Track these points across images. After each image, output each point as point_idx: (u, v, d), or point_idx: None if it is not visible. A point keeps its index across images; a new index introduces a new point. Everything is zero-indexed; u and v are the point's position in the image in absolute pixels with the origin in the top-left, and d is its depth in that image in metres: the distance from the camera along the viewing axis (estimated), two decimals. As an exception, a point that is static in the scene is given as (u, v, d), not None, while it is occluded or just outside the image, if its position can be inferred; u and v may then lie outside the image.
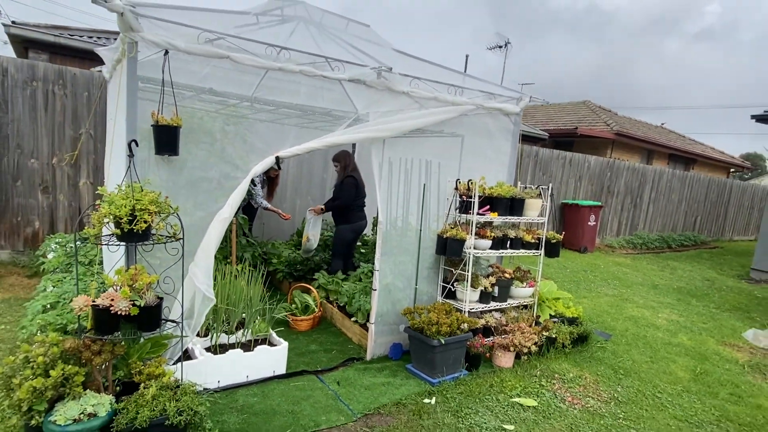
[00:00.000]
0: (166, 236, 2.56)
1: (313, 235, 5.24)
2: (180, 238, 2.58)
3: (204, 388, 3.03)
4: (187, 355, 3.17)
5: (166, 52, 2.60)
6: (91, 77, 5.52)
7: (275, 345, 3.43)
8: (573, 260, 9.18)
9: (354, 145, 6.88)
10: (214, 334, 3.34)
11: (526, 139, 14.10)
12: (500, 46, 16.50)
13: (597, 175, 11.03)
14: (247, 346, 3.36)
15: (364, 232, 5.95)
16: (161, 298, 2.57)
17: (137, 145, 2.45)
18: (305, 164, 7.27)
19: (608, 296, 6.64)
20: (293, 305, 4.40)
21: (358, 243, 5.78)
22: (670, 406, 3.50)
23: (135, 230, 2.33)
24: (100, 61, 4.81)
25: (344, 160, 4.91)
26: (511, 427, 2.94)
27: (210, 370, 3.08)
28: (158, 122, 2.60)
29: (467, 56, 18.54)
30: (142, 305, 2.43)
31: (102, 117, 5.54)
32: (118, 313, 2.36)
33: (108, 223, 2.38)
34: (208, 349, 3.26)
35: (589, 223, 10.02)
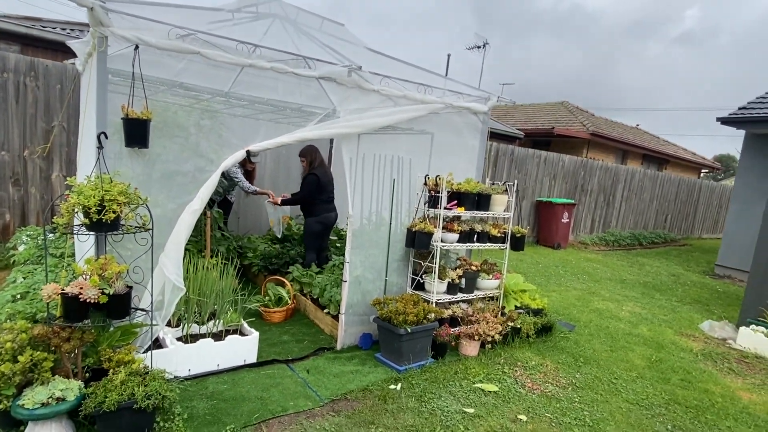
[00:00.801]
0: (136, 227, 2.63)
1: (275, 220, 5.58)
2: (149, 229, 2.65)
3: (174, 376, 3.10)
4: (158, 344, 3.24)
5: (137, 47, 2.66)
6: (64, 69, 5.49)
7: (247, 335, 3.52)
8: (546, 256, 9.44)
9: (332, 141, 6.98)
10: (185, 324, 3.41)
11: (503, 137, 14.37)
12: (479, 47, 16.73)
13: (571, 174, 11.32)
14: (218, 336, 3.44)
15: (338, 226, 6.05)
16: (130, 287, 2.64)
17: (106, 137, 2.51)
18: (282, 159, 7.33)
19: (576, 290, 6.88)
20: (267, 297, 4.48)
21: (333, 237, 5.88)
22: (624, 390, 3.70)
23: (104, 220, 2.39)
24: (73, 54, 4.81)
25: (309, 155, 4.98)
26: (472, 410, 3.09)
27: (180, 359, 3.15)
28: (128, 115, 2.65)
29: (449, 55, 18.77)
30: (111, 294, 2.50)
31: (75, 110, 5.52)
32: (87, 301, 2.43)
33: (77, 213, 2.43)
34: (179, 339, 3.33)
35: (562, 220, 10.30)
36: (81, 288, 2.46)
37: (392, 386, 3.30)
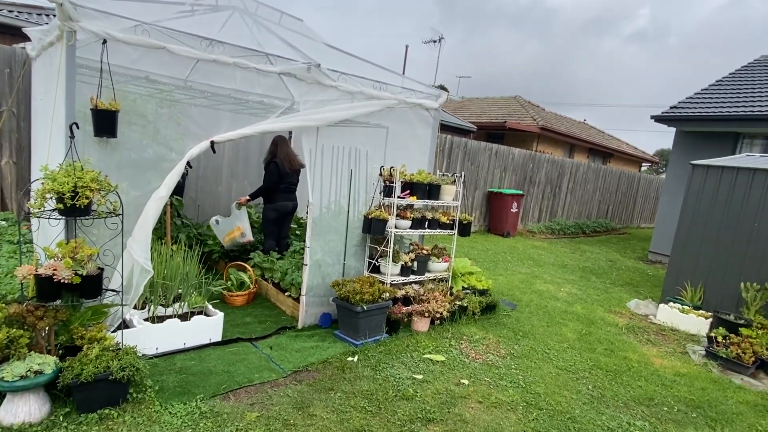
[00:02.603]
0: (107, 212, 2.79)
1: (245, 227, 5.33)
2: (119, 214, 2.81)
3: (143, 354, 3.29)
4: (124, 326, 3.39)
5: (104, 42, 2.79)
6: (13, 53, 5.37)
7: (211, 316, 3.72)
8: (496, 243, 10.02)
9: (291, 132, 7.15)
10: (151, 306, 3.57)
11: (457, 131, 14.91)
12: (435, 41, 17.17)
13: (521, 166, 11.97)
14: (184, 317, 3.63)
15: (298, 215, 6.26)
16: (102, 269, 2.80)
17: (78, 127, 2.64)
18: (242, 148, 7.42)
19: (521, 274, 7.44)
20: (229, 282, 4.67)
21: (294, 225, 6.10)
22: (555, 359, 4.19)
23: (77, 206, 2.55)
24: (23, 37, 4.74)
25: (273, 146, 5.17)
26: (420, 377, 3.46)
27: (148, 338, 3.33)
28: (97, 106, 2.79)
29: (407, 46, 19.10)
30: (84, 274, 2.66)
31: (26, 95, 5.42)
32: (61, 281, 2.58)
33: (51, 198, 2.57)
34: (146, 320, 3.49)
35: (512, 210, 10.92)
36: (55, 269, 2.61)
37: (350, 358, 3.61)
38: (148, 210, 3.11)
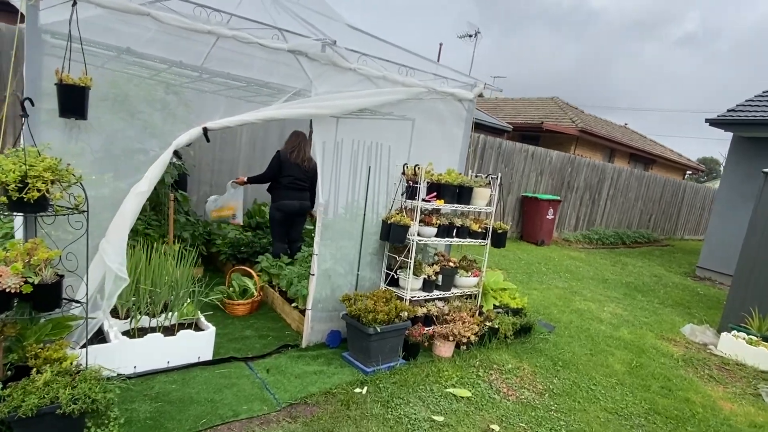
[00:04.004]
0: (68, 208, 2.32)
1: (238, 209, 5.01)
2: (84, 211, 2.34)
3: (117, 374, 2.82)
4: (102, 339, 2.94)
5: (74, 3, 2.32)
6: (21, 34, 5.06)
7: (203, 330, 3.24)
8: (529, 252, 9.28)
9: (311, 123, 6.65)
10: (134, 317, 3.11)
11: (491, 130, 14.15)
12: (470, 35, 16.40)
13: (558, 170, 11.16)
14: (170, 331, 3.15)
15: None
16: (62, 276, 2.34)
17: (32, 104, 2.18)
18: (259, 141, 7.00)
19: (558, 288, 6.72)
20: (231, 288, 4.19)
21: (309, 226, 5.59)
22: (603, 398, 3.52)
23: (26, 199, 2.08)
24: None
25: (289, 138, 4.82)
26: (441, 419, 2.87)
27: (125, 355, 2.87)
28: (62, 81, 2.33)
29: (441, 44, 18.40)
30: (36, 283, 2.20)
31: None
32: (6, 290, 2.12)
33: (-5, 189, 2.12)
34: (125, 333, 3.04)
35: (547, 216, 10.15)
36: (0, 276, 2.16)
37: (357, 390, 3.06)
38: (124, 207, 2.64)
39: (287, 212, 4.70)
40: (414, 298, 3.75)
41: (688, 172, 23.44)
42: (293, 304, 4.04)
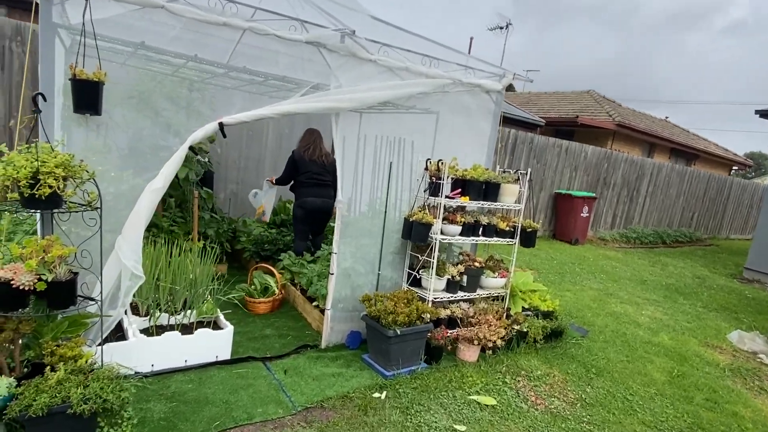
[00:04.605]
0: (81, 204, 2.29)
1: (267, 207, 5.13)
2: (97, 207, 2.31)
3: (135, 372, 2.81)
4: (121, 336, 2.94)
5: (87, -3, 2.29)
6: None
7: (222, 329, 3.20)
8: (562, 252, 8.93)
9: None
10: (153, 314, 3.10)
11: (523, 125, 13.73)
12: (501, 28, 15.95)
13: (594, 166, 10.71)
14: (188, 329, 3.12)
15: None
16: (76, 273, 2.32)
17: (44, 99, 2.16)
18: (285, 139, 6.97)
19: (593, 290, 6.40)
20: (252, 286, 4.15)
21: (331, 223, 5.51)
22: (641, 410, 3.28)
23: (37, 196, 2.06)
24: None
25: (301, 137, 4.92)
26: (463, 428, 2.72)
27: (143, 353, 2.85)
28: (76, 76, 2.30)
29: (471, 38, 18.03)
30: (49, 280, 2.18)
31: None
32: (20, 287, 2.11)
33: (9, 186, 2.11)
34: (144, 331, 3.02)
35: (581, 214, 9.75)
36: (15, 272, 2.15)
37: (376, 394, 2.94)
38: (140, 204, 2.60)
39: (309, 210, 4.65)
40: (437, 300, 3.60)
41: (734, 167, 22.17)
42: (314, 303, 3.96)
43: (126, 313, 3.10)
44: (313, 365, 3.24)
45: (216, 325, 3.27)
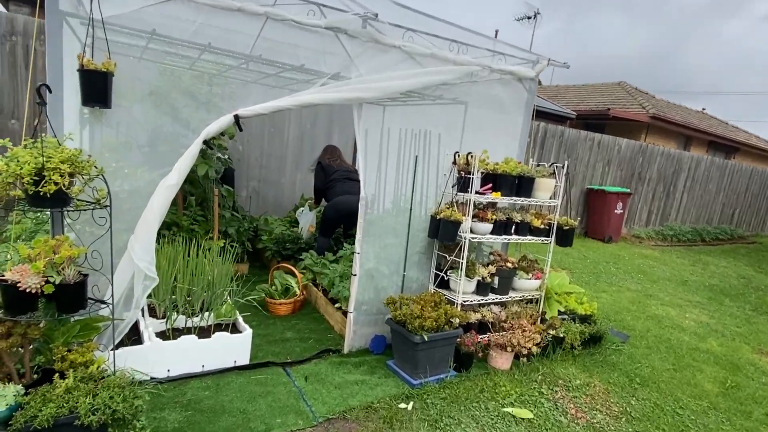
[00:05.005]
0: (90, 202, 2.17)
1: (303, 227, 5.39)
2: (106, 206, 2.18)
3: (151, 378, 2.69)
4: (138, 339, 2.83)
5: (93, -18, 2.16)
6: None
7: (240, 332, 3.05)
8: (595, 250, 8.54)
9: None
10: (170, 317, 2.98)
11: (552, 117, 13.26)
12: (529, 17, 15.46)
13: (628, 160, 10.21)
14: (206, 332, 2.99)
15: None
16: (86, 275, 2.20)
17: (50, 90, 2.04)
18: (306, 137, 6.84)
19: (630, 291, 6.04)
20: (273, 287, 4.01)
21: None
22: (693, 425, 2.98)
23: (42, 193, 1.94)
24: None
25: (322, 153, 5.10)
26: (498, 445, 2.50)
27: (159, 358, 2.73)
28: (84, 66, 2.17)
29: (497, 31, 17.57)
30: (57, 282, 2.06)
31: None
32: (27, 290, 2.00)
33: (13, 183, 1.99)
34: (159, 334, 2.90)
35: (615, 211, 9.31)
36: (22, 275, 2.04)
37: (402, 405, 2.74)
38: (153, 201, 2.47)
39: (346, 212, 4.45)
40: (466, 303, 3.37)
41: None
42: (336, 305, 3.79)
43: (143, 315, 3.00)
44: (335, 371, 3.06)
45: (234, 328, 3.14)
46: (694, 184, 11.90)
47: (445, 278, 3.46)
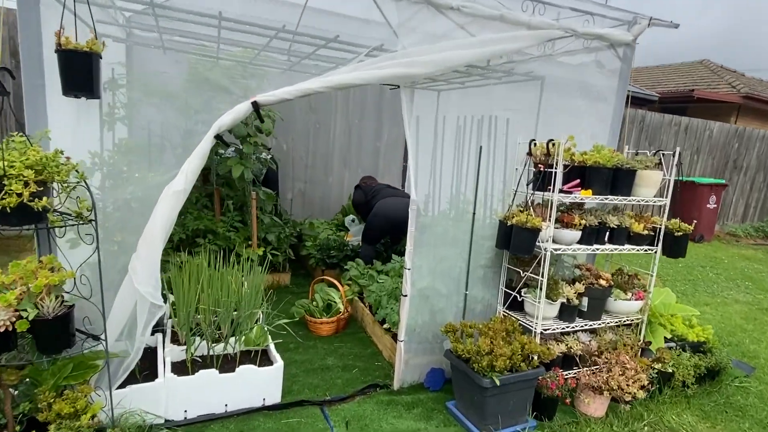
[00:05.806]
0: (71, 216, 1.74)
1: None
2: (91, 220, 1.74)
3: (165, 420, 2.27)
4: (151, 374, 2.40)
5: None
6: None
7: (271, 363, 2.57)
8: (687, 251, 7.38)
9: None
10: (190, 345, 2.54)
11: (630, 100, 11.92)
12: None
13: (720, 147, 8.87)
14: (232, 362, 2.53)
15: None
16: (71, 306, 1.78)
17: (13, 77, 1.61)
18: (354, 132, 6.33)
19: (740, 303, 5.01)
20: (313, 302, 3.52)
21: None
22: None
23: (1, 207, 1.52)
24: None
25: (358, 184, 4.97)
26: None
27: (174, 396, 2.29)
28: (62, 45, 1.74)
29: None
30: (30, 318, 1.65)
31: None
32: (-4, 329, 1.60)
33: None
34: (181, 364, 2.48)
35: (708, 205, 8.06)
36: (-10, 308, 1.64)
37: (469, 469, 2.12)
38: (157, 212, 2.02)
39: (392, 218, 3.98)
40: (546, 330, 2.68)
41: None
42: (385, 325, 3.23)
43: (163, 340, 2.59)
44: (382, 414, 2.50)
45: (265, 356, 2.66)
46: (802, 172, 10.21)
47: (519, 299, 2.78)
